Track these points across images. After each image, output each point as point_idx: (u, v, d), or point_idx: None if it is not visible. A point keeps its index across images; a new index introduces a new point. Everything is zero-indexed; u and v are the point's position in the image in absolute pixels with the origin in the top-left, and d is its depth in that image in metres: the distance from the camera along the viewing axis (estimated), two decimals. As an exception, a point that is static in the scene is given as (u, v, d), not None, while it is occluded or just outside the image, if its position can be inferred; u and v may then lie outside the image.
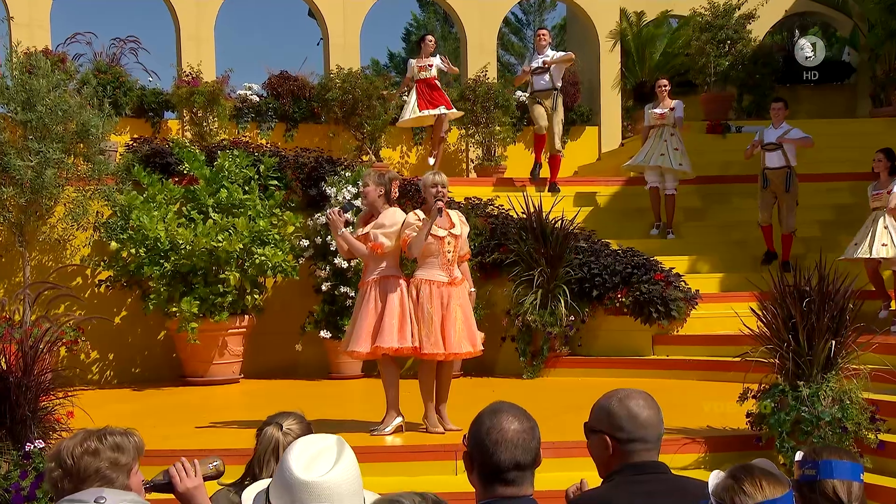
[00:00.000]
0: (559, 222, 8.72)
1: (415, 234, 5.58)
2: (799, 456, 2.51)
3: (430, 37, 10.87)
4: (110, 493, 2.00)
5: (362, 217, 5.95)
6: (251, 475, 2.96)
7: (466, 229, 5.92)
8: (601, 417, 2.56)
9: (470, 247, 6.41)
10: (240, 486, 2.85)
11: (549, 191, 10.59)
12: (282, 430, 2.98)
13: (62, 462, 2.39)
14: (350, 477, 2.13)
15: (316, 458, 2.15)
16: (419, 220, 5.66)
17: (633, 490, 2.45)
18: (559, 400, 7.04)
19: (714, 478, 2.20)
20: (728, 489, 2.11)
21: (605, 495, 2.49)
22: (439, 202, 5.54)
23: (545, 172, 10.80)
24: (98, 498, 1.47)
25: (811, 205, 10.01)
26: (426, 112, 10.48)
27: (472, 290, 6.12)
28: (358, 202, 6.29)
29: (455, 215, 5.89)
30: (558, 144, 10.47)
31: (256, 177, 8.95)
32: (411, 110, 10.51)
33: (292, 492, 2.10)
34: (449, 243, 5.71)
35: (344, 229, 5.70)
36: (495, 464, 2.33)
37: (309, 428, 3.02)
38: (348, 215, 5.87)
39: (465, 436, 2.44)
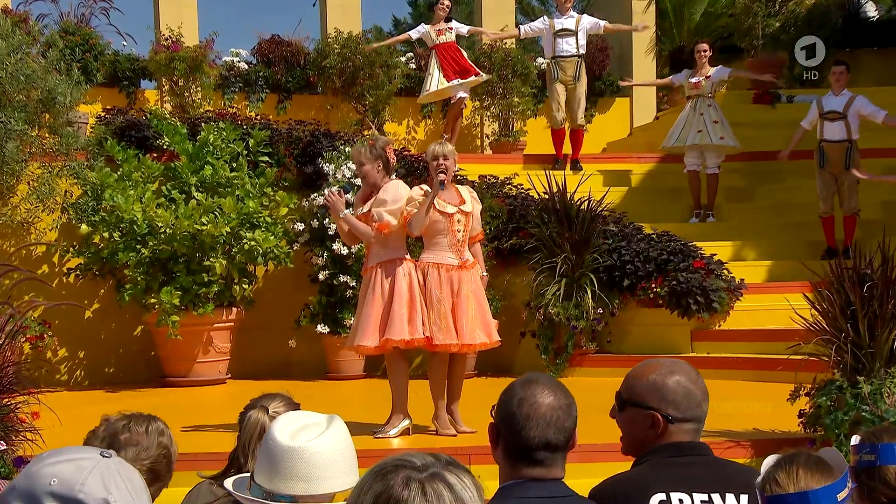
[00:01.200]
0: (585, 203, 8.74)
1: (414, 210, 5.64)
2: (856, 440, 2.50)
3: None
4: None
5: (360, 195, 5.99)
6: (236, 466, 2.96)
7: (479, 207, 5.95)
8: (649, 391, 2.53)
9: (485, 231, 6.60)
10: (222, 477, 2.86)
11: (570, 169, 10.58)
12: (268, 413, 3.01)
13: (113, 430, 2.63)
14: (342, 447, 2.10)
15: (303, 429, 2.13)
16: (424, 194, 5.72)
17: (673, 474, 2.44)
18: (585, 401, 6.47)
19: (766, 464, 2.22)
20: (763, 478, 2.16)
21: (641, 478, 2.47)
22: (441, 174, 5.59)
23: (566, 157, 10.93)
24: (104, 452, 1.53)
25: (872, 182, 9.74)
26: (456, 82, 10.44)
27: (485, 273, 6.16)
28: (358, 181, 6.30)
29: (466, 191, 5.94)
30: (581, 119, 10.53)
31: (245, 153, 8.92)
32: (437, 81, 10.49)
33: (277, 462, 2.07)
34: (459, 221, 5.75)
35: (346, 211, 5.79)
36: (524, 441, 2.33)
37: (298, 410, 2.98)
38: (349, 196, 5.95)
39: (492, 406, 2.42)
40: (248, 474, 2.25)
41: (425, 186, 5.82)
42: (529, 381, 2.41)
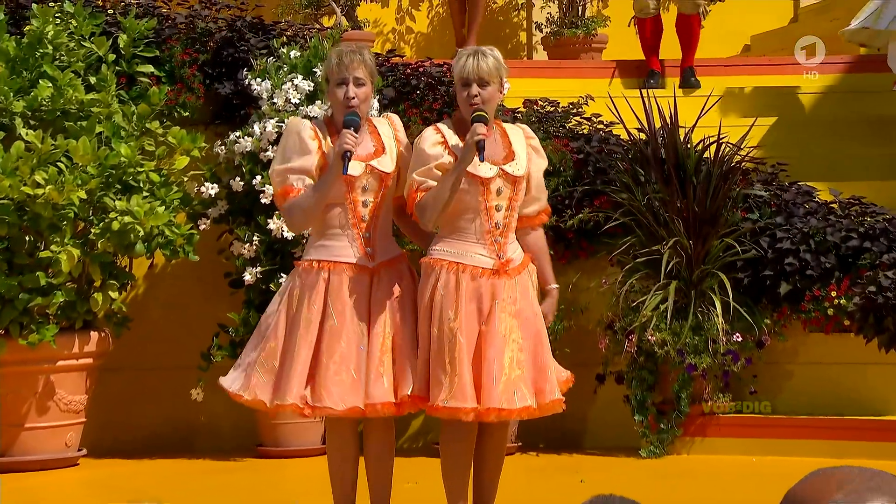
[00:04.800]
0: (712, 148, 8.42)
1: (433, 183, 5.66)
2: None
3: None
4: None
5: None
6: None
7: (541, 164, 5.92)
8: None
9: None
10: None
11: (681, 85, 10.37)
12: None
13: None
14: None
15: None
16: (445, 149, 5.70)
17: None
18: (717, 501, 7.17)
19: None
20: None
21: None
22: (479, 122, 5.56)
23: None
24: None
25: None
26: None
27: (553, 286, 5.95)
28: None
29: (517, 135, 5.90)
30: None
31: (112, 58, 8.55)
32: None
33: None
34: (500, 193, 5.73)
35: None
36: None
37: None
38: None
39: None
40: None
41: (445, 129, 5.77)
42: None
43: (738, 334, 8.09)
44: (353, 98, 5.84)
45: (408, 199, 5.76)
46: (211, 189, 8.46)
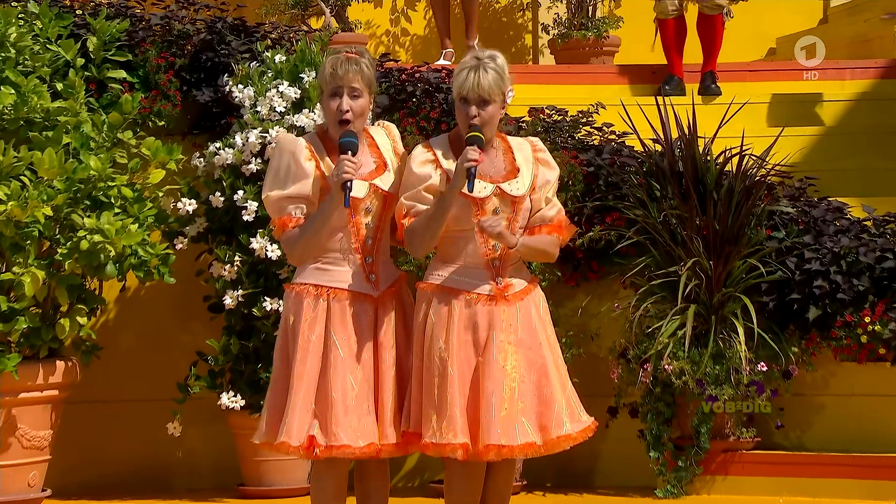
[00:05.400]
0: (734, 160, 8.43)
1: (422, 207, 5.69)
2: None
3: None
4: None
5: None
6: None
7: (552, 175, 5.87)
8: None
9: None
10: None
11: (701, 92, 10.36)
12: None
13: None
14: None
15: None
16: (436, 169, 5.71)
17: None
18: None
19: None
20: None
21: None
22: (471, 153, 5.54)
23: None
24: None
25: None
26: None
27: (518, 238, 5.81)
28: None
29: (523, 149, 5.86)
30: None
31: (81, 62, 8.53)
32: None
33: None
34: (497, 213, 5.74)
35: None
36: None
37: None
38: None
39: None
40: None
41: (438, 149, 5.75)
42: None
43: (762, 363, 8.01)
44: (348, 111, 5.77)
45: (397, 224, 5.73)
46: (188, 205, 8.34)
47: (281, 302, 7.64)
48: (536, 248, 5.89)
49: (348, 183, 5.58)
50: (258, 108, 8.29)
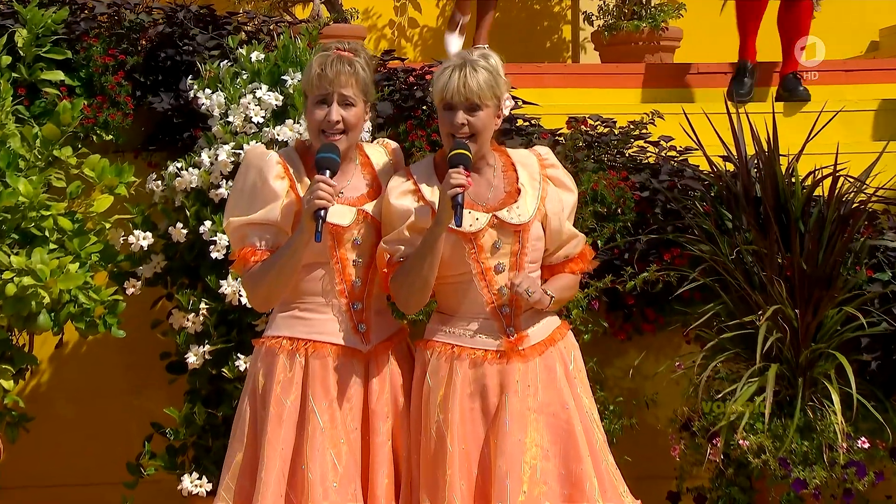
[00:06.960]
0: (825, 182, 8.39)
1: (406, 250, 5.84)
2: None
3: None
4: None
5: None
6: None
7: (566, 198, 5.99)
8: None
9: (592, 243, 7.13)
10: None
11: (778, 98, 10.47)
12: None
13: None
14: None
15: None
16: (418, 201, 5.84)
17: None
18: None
19: None
20: None
21: None
22: (456, 177, 5.60)
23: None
24: None
25: None
26: None
27: (550, 294, 5.93)
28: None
29: (529, 162, 5.98)
30: None
31: (7, 61, 8.68)
32: None
33: None
34: (498, 247, 5.86)
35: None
36: None
37: None
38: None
39: None
40: None
41: (421, 175, 5.91)
42: None
43: (863, 439, 7.87)
44: (337, 123, 5.76)
45: (378, 261, 5.76)
46: (143, 239, 8.29)
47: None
48: (564, 297, 5.96)
49: (321, 211, 5.53)
50: (230, 119, 8.24)
